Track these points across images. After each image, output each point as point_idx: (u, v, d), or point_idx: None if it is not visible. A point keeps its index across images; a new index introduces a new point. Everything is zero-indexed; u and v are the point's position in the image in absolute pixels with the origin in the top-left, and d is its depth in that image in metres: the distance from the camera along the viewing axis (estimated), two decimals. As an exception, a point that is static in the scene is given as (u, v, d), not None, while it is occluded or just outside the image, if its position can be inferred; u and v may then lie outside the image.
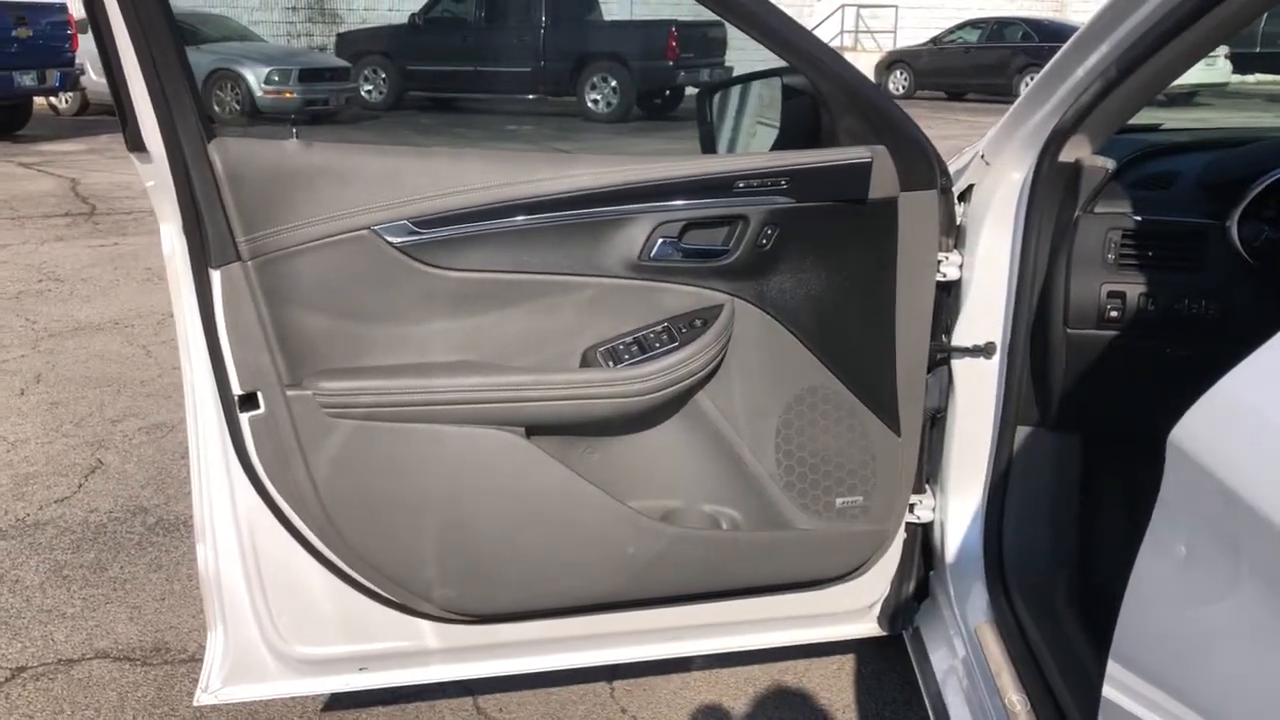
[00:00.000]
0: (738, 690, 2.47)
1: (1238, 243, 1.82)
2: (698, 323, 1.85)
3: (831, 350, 1.91)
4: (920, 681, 2.08)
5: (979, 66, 19.24)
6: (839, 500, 1.95)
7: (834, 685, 2.49)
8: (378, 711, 2.35)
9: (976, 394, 1.99)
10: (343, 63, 15.36)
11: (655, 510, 1.93)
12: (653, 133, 14.13)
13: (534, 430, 1.83)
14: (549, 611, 1.92)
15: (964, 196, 1.99)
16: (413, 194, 1.71)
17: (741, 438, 1.93)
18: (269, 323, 1.70)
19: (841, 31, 24.33)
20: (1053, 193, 1.86)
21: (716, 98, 2.20)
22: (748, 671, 2.52)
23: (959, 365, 2.00)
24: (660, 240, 1.80)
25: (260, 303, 1.69)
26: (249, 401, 1.73)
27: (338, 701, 2.37)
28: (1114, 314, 1.85)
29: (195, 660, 2.53)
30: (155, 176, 1.66)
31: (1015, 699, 1.73)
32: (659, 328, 1.85)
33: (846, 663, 2.56)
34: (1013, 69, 18.54)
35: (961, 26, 20.35)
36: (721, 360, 1.89)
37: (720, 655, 2.41)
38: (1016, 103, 1.88)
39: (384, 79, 16.18)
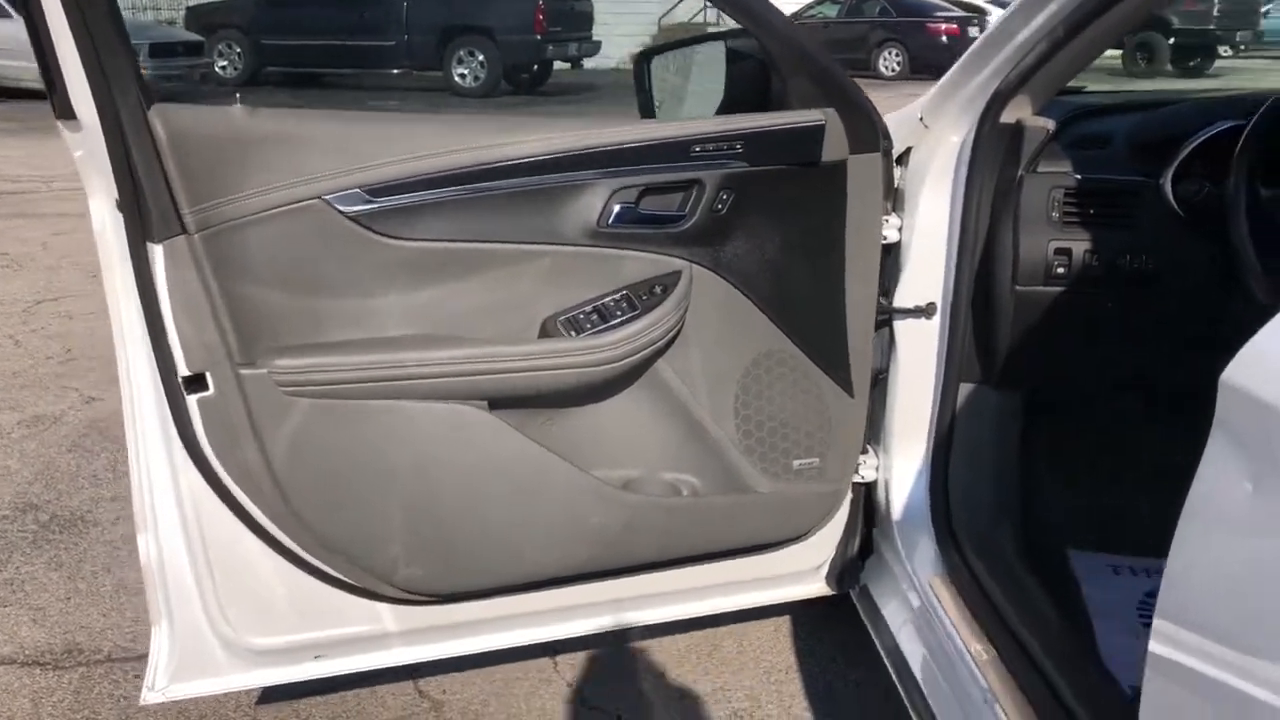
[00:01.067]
0: (679, 658, 2.48)
1: (1171, 199, 1.90)
2: (657, 289, 1.83)
3: (786, 314, 1.92)
4: (875, 637, 2.12)
5: (839, 42, 19.45)
6: (796, 462, 1.97)
7: (773, 647, 2.52)
8: (315, 701, 2.28)
9: (918, 354, 2.03)
10: (195, 37, 14.70)
11: (615, 480, 1.91)
12: (522, 108, 13.99)
13: (496, 403, 1.79)
14: (516, 587, 1.89)
15: (901, 160, 2.02)
16: (365, 160, 1.64)
17: (701, 404, 1.93)
18: (219, 299, 1.61)
19: (704, 8, 24.45)
20: (994, 154, 1.90)
21: (654, 63, 2.18)
22: (687, 639, 2.53)
23: (900, 326, 2.03)
24: (618, 206, 1.78)
25: (209, 278, 1.60)
26: (196, 383, 1.65)
27: (275, 691, 2.28)
28: (1060, 270, 1.91)
29: (113, 660, 2.40)
30: (85, 146, 1.55)
31: (979, 648, 1.77)
32: (618, 296, 1.83)
33: (783, 625, 2.59)
34: (871, 43, 18.86)
35: (821, 2, 20.62)
36: (681, 327, 1.88)
37: (658, 624, 2.41)
38: (955, 66, 1.91)
39: (239, 54, 15.55)
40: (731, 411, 1.94)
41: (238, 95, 1.90)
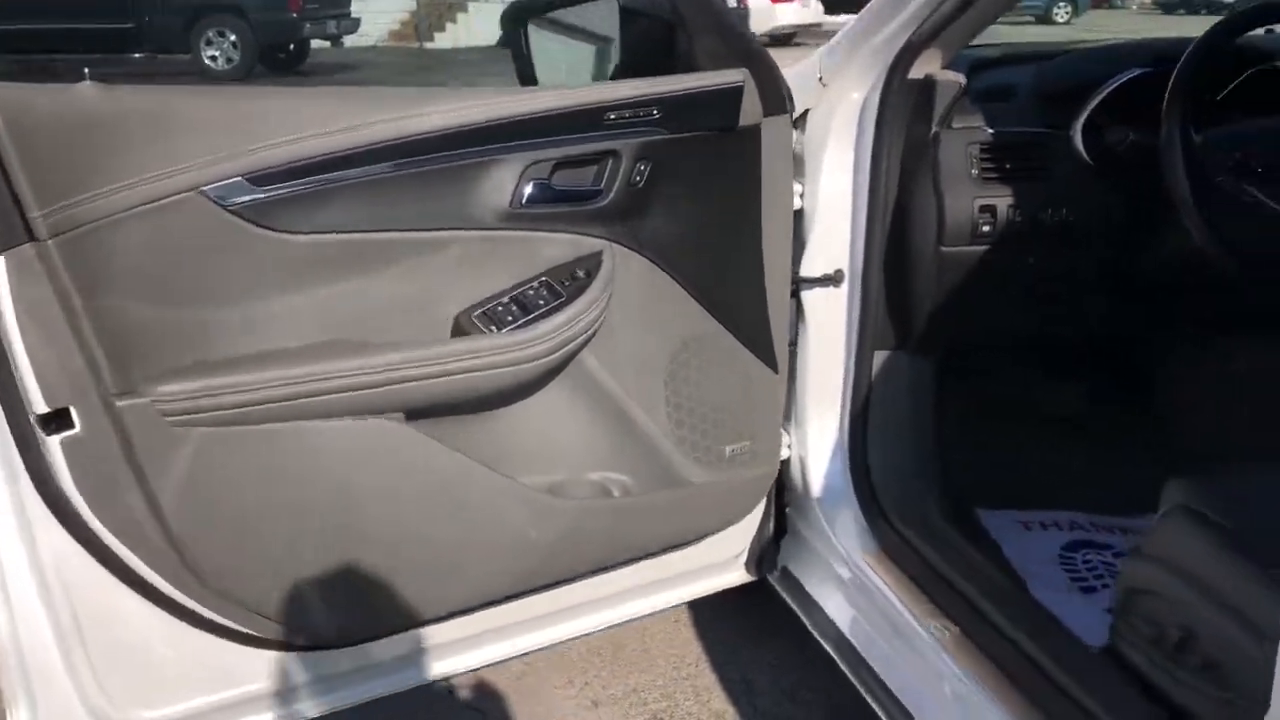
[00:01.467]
0: (584, 664, 2.34)
1: (1082, 150, 1.89)
2: (579, 273, 1.67)
3: (710, 291, 1.80)
4: (804, 617, 2.03)
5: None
6: (728, 448, 1.85)
7: (677, 640, 2.42)
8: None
9: (827, 324, 1.95)
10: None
11: (540, 487, 1.74)
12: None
13: (415, 414, 1.58)
14: (446, 617, 1.69)
15: (797, 123, 1.93)
16: (246, 143, 1.39)
17: (630, 395, 1.78)
18: (84, 318, 1.33)
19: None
20: (902, 111, 1.83)
21: (531, 25, 1.99)
22: (587, 643, 2.39)
23: (808, 296, 1.94)
24: (530, 184, 1.60)
25: (71, 293, 1.32)
26: (57, 420, 1.36)
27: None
28: (986, 228, 1.86)
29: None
30: None
31: (936, 625, 1.71)
32: (537, 283, 1.65)
33: (682, 617, 2.49)
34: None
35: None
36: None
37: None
38: (854, 22, 1.82)
39: (-50, 41, 14.01)
40: (662, 400, 1.81)
41: (86, 70, 1.57)
